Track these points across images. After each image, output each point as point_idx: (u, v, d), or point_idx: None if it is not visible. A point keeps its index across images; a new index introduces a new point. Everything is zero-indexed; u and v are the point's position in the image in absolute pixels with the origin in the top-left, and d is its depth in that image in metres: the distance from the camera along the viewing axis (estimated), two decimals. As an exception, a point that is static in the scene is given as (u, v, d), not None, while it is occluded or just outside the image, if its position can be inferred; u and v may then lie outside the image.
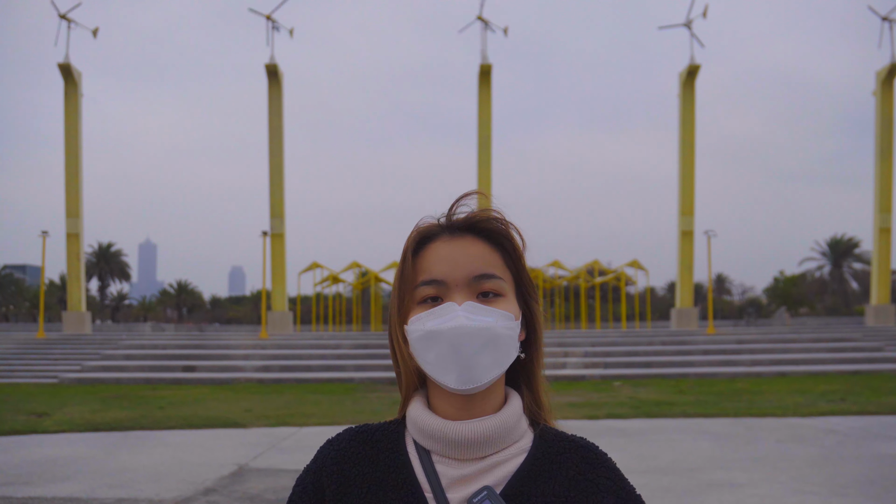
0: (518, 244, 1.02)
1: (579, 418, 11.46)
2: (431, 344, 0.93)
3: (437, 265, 0.97)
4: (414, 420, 0.99)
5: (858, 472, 7.47)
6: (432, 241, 0.99)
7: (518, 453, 0.98)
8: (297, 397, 15.32)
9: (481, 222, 1.00)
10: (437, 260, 0.97)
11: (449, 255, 0.97)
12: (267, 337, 28.74)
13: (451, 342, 0.92)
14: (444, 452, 0.97)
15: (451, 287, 0.96)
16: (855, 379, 18.14)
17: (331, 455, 1.02)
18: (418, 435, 0.99)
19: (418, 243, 1.00)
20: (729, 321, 57.24)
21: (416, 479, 0.95)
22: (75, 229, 33.10)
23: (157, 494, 6.75)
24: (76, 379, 19.40)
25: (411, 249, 0.99)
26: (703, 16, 35.43)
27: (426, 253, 0.98)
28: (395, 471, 0.97)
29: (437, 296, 0.96)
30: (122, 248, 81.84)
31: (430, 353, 0.94)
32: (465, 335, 0.92)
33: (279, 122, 34.38)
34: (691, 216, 34.76)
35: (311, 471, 1.03)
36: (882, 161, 33.92)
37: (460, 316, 0.92)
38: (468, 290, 0.96)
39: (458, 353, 0.92)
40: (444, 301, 0.96)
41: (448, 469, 0.96)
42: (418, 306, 0.97)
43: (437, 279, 0.96)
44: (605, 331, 35.74)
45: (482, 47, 34.77)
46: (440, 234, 0.99)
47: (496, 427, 0.96)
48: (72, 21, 33.97)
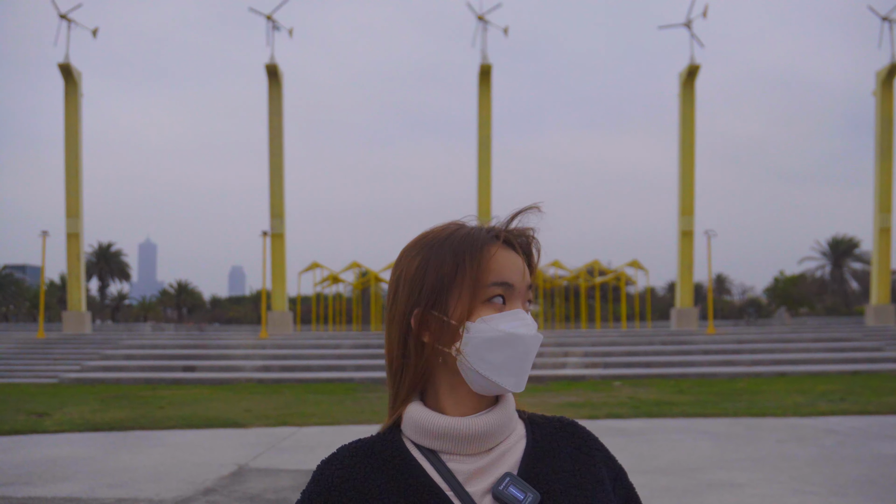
0: (535, 265, 1.06)
1: (579, 418, 11.35)
2: (505, 346, 0.95)
3: (507, 269, 0.99)
4: (419, 422, 0.99)
5: (858, 472, 7.47)
6: (489, 246, 1.00)
7: (518, 439, 1.03)
8: (297, 397, 15.32)
9: (529, 242, 1.05)
10: (503, 263, 0.99)
11: (514, 263, 1.00)
12: (267, 337, 28.74)
13: (527, 346, 0.97)
14: (453, 450, 0.98)
15: (517, 292, 1.00)
16: (855, 379, 18.14)
17: (336, 475, 0.98)
18: (422, 437, 0.99)
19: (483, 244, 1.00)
20: (729, 321, 57.20)
21: (432, 480, 0.96)
22: (75, 229, 33.09)
23: (157, 494, 6.75)
24: (76, 379, 19.40)
25: (477, 248, 0.99)
26: (703, 16, 35.42)
27: (492, 255, 0.99)
28: (410, 477, 0.96)
29: (502, 296, 0.99)
30: (122, 248, 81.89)
31: (498, 354, 0.95)
32: (534, 341, 0.98)
33: (279, 122, 34.38)
34: (691, 216, 34.75)
35: (316, 494, 0.98)
36: (882, 161, 33.91)
37: (530, 324, 0.98)
38: (523, 298, 1.01)
39: (527, 357, 0.97)
40: (508, 306, 0.99)
41: (460, 465, 0.97)
42: (483, 306, 0.97)
43: (509, 283, 0.98)
44: (604, 331, 35.72)
45: (482, 47, 34.80)
46: (496, 240, 1.01)
47: (503, 417, 1.00)
48: (72, 21, 33.96)
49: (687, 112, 35.06)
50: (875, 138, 34.48)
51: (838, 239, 68.27)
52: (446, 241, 1.01)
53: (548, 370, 20.72)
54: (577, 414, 11.91)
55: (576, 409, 12.48)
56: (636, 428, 10.65)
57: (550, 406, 1.13)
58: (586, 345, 24.15)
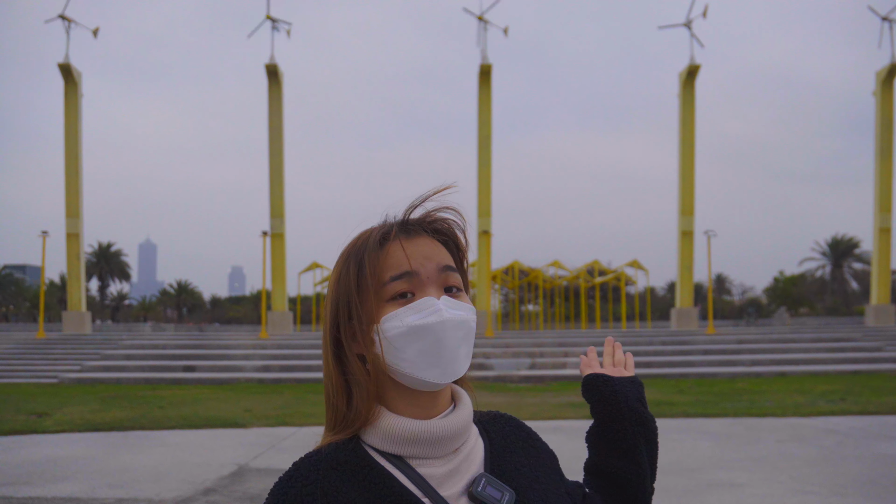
0: (462, 243, 1.02)
1: (579, 418, 11.46)
2: (414, 339, 0.92)
3: (405, 260, 0.95)
4: (391, 428, 0.95)
5: (858, 472, 7.47)
6: (390, 242, 0.97)
7: (476, 438, 1.02)
8: (297, 397, 15.32)
9: (433, 222, 1.00)
10: (402, 256, 0.95)
11: (413, 251, 0.96)
12: (267, 337, 28.75)
13: (438, 336, 0.91)
14: (422, 454, 0.95)
15: (424, 280, 0.95)
16: (855, 379, 18.14)
17: (304, 492, 0.90)
18: (390, 443, 0.95)
19: (379, 242, 0.97)
20: (729, 321, 57.22)
21: (406, 488, 0.92)
22: (75, 229, 33.10)
23: (157, 494, 6.75)
24: (76, 379, 19.40)
25: (373, 247, 0.96)
26: (703, 16, 35.44)
27: (387, 252, 0.96)
28: (384, 487, 0.92)
29: (408, 291, 0.95)
30: (122, 248, 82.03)
31: (411, 349, 0.92)
32: (451, 328, 0.92)
33: (279, 122, 34.38)
34: (691, 216, 34.76)
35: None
36: (882, 161, 33.92)
37: (443, 309, 0.93)
38: (437, 283, 0.96)
39: (444, 346, 0.92)
40: (417, 296, 0.94)
41: (431, 470, 0.94)
42: (388, 304, 0.95)
43: (410, 271, 0.94)
44: (604, 331, 35.73)
45: (482, 47, 34.79)
46: (396, 236, 0.97)
47: (467, 417, 0.99)
48: (72, 21, 33.97)
49: (687, 112, 35.06)
50: (875, 138, 34.49)
51: (838, 239, 68.29)
52: (352, 249, 0.99)
53: (548, 370, 20.74)
54: (577, 414, 11.92)
55: (576, 409, 12.48)
56: (636, 428, 10.62)
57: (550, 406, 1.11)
58: (586, 345, 24.11)
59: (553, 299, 51.04)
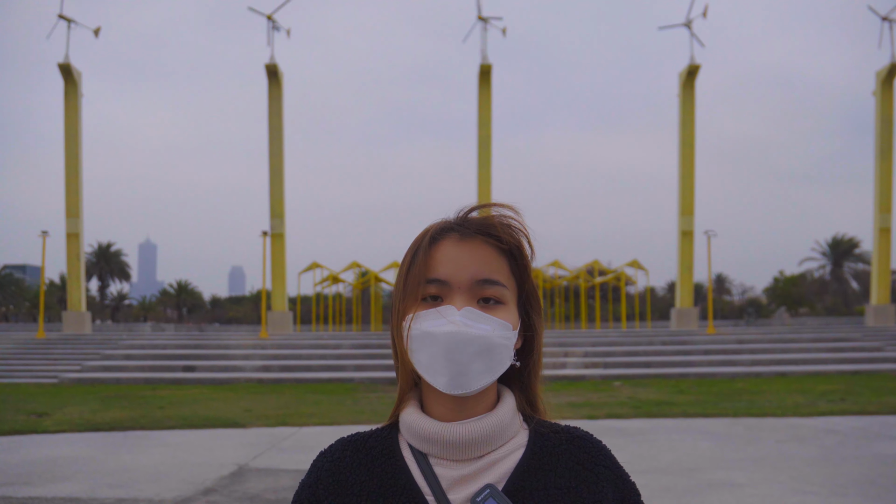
0: (527, 254, 1.00)
1: (579, 418, 11.45)
2: (425, 345, 0.93)
3: (443, 265, 0.95)
4: (408, 424, 0.98)
5: (858, 472, 7.47)
6: (443, 240, 0.98)
7: (515, 449, 0.98)
8: (297, 397, 15.31)
9: (493, 227, 0.98)
10: (443, 259, 0.96)
11: (456, 256, 0.95)
12: (267, 337, 28.74)
13: (446, 346, 0.91)
14: (441, 454, 0.96)
15: (454, 289, 0.95)
16: (855, 379, 18.13)
17: (325, 467, 1.00)
18: (413, 438, 0.98)
19: (431, 240, 0.98)
20: (729, 321, 57.19)
21: (415, 483, 0.94)
22: (75, 229, 33.09)
23: (157, 494, 6.75)
24: (76, 379, 19.39)
25: (424, 245, 0.97)
26: (703, 16, 35.45)
27: (435, 251, 0.97)
28: (393, 476, 0.95)
29: (438, 295, 0.95)
30: (122, 248, 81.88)
31: (423, 353, 0.93)
32: (460, 342, 0.91)
33: (279, 123, 34.37)
34: (691, 216, 34.76)
35: (306, 485, 1.01)
36: (882, 161, 33.91)
37: (457, 321, 0.92)
38: (470, 293, 0.95)
39: (450, 358, 0.91)
40: (444, 302, 0.95)
41: (447, 471, 0.95)
42: (419, 304, 0.96)
43: (441, 279, 0.95)
44: (605, 331, 35.73)
45: (482, 47, 34.79)
46: (451, 233, 0.98)
47: (492, 426, 0.96)
48: (72, 21, 33.96)
49: (687, 112, 35.06)
50: (875, 138, 34.49)
51: (838, 239, 68.27)
52: (417, 240, 1.00)
53: (548, 370, 20.53)
54: (577, 414, 11.91)
55: (576, 409, 12.48)
56: (636, 428, 10.64)
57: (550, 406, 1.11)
58: (586, 345, 24.14)
59: (553, 299, 51.00)
